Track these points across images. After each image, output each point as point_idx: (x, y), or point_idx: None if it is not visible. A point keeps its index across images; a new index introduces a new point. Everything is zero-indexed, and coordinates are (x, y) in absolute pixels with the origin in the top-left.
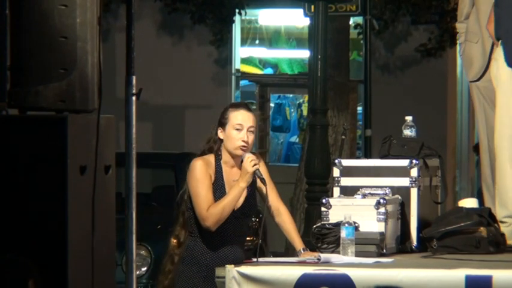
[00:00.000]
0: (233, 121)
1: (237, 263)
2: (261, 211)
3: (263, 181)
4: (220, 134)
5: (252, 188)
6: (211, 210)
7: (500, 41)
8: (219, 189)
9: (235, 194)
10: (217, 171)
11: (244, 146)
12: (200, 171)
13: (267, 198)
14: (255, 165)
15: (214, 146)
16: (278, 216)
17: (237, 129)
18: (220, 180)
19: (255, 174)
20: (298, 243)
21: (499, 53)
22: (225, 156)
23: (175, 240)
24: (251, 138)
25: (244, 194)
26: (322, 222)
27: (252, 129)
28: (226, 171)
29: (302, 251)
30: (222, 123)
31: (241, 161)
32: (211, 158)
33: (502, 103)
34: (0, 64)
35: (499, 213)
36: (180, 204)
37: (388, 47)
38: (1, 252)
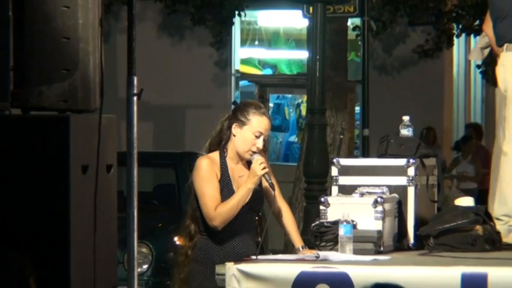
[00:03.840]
0: (256, 127)
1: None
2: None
3: (272, 186)
4: (235, 130)
5: (259, 183)
6: (219, 210)
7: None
8: (226, 186)
9: (243, 195)
10: (223, 168)
11: (254, 152)
12: (206, 170)
13: (274, 202)
14: (264, 168)
15: (223, 139)
16: (279, 213)
17: (256, 136)
18: (226, 177)
19: (264, 177)
20: (297, 241)
21: (507, 59)
22: (231, 153)
23: (185, 233)
24: (263, 144)
25: None
26: (321, 221)
27: (266, 137)
28: (231, 168)
29: (301, 249)
30: (241, 122)
31: (248, 160)
32: (215, 155)
33: None
34: (3, 65)
35: (498, 210)
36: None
37: (386, 48)
38: (3, 250)
